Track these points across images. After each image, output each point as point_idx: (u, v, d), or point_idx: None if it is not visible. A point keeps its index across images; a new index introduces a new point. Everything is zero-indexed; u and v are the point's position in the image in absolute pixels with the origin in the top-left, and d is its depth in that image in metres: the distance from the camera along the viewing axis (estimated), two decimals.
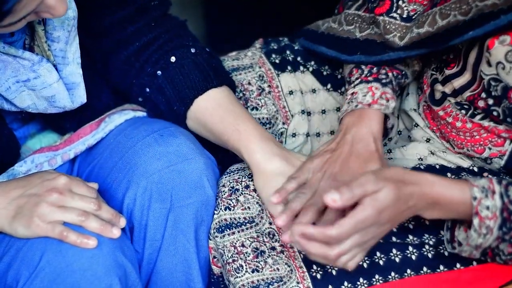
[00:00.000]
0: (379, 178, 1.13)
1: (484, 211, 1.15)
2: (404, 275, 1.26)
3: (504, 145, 1.30)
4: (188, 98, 1.37)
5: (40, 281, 1.18)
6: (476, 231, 1.16)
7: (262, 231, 1.30)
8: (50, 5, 1.10)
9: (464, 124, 1.33)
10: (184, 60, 1.39)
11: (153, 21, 1.39)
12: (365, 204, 1.11)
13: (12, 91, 1.25)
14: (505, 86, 1.23)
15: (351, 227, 1.11)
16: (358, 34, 1.41)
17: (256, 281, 1.26)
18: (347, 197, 1.10)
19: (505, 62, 1.21)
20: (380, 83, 1.35)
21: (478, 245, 1.18)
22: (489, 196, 1.15)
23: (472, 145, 1.33)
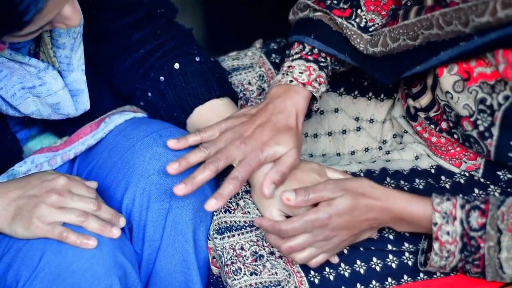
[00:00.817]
0: (338, 187, 1.20)
1: (444, 236, 1.18)
2: (401, 282, 1.27)
3: (476, 159, 1.32)
4: (189, 106, 1.37)
5: (40, 281, 1.18)
6: (437, 255, 1.19)
7: (262, 235, 1.30)
8: (66, 16, 1.10)
9: (438, 139, 1.34)
10: (188, 68, 1.39)
11: (158, 29, 1.39)
12: (318, 207, 1.19)
13: (17, 97, 1.26)
14: (457, 114, 1.24)
15: (300, 225, 1.20)
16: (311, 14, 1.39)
17: (254, 284, 1.27)
18: (301, 199, 1.19)
19: (453, 92, 1.22)
20: (318, 65, 1.35)
21: (442, 266, 1.21)
22: (449, 222, 1.18)
23: (450, 159, 1.35)
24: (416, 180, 1.35)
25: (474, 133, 1.22)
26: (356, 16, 1.35)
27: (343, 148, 1.49)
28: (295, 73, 1.33)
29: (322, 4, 1.37)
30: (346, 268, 1.27)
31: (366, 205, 1.20)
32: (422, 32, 1.22)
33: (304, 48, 1.36)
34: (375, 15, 1.35)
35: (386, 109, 1.49)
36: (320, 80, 1.33)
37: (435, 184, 1.34)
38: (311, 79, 1.33)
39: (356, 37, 1.34)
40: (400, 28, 1.25)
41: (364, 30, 1.34)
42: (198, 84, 1.38)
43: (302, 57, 1.35)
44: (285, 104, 1.30)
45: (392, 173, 1.36)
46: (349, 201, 1.19)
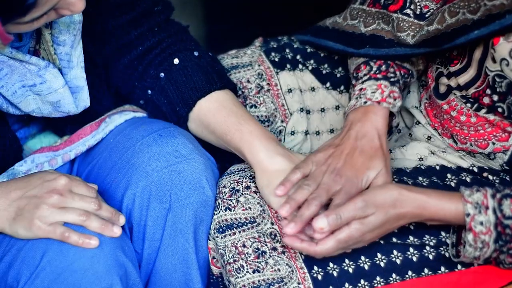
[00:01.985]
0: (369, 204, 1.20)
1: (478, 226, 1.18)
2: (405, 277, 1.26)
3: (508, 140, 1.31)
4: (191, 99, 1.37)
5: (41, 281, 1.18)
6: (471, 246, 1.19)
7: (264, 231, 1.30)
8: (70, 2, 1.11)
9: (468, 118, 1.33)
10: (187, 63, 1.39)
11: (156, 26, 1.40)
12: (350, 227, 1.20)
13: (18, 95, 1.26)
14: (509, 83, 1.24)
15: (333, 246, 1.20)
16: (363, 29, 1.41)
17: (257, 282, 1.26)
18: (335, 223, 1.19)
19: (509, 58, 1.22)
20: (389, 81, 1.35)
21: (476, 257, 1.20)
22: (482, 212, 1.18)
23: (475, 140, 1.33)
24: (420, 178, 1.34)
25: None
26: (411, 3, 1.37)
27: None
28: (367, 94, 1.34)
29: (378, 5, 1.39)
30: (350, 263, 1.27)
31: (397, 215, 1.21)
32: (485, 3, 1.22)
33: (371, 68, 1.38)
34: (429, 1, 1.36)
35: None
36: (394, 95, 1.34)
37: (439, 182, 1.33)
38: (384, 96, 1.34)
39: (415, 27, 1.35)
40: (461, 1, 1.26)
41: (421, 17, 1.36)
42: (198, 78, 1.38)
43: (371, 77, 1.37)
44: (366, 127, 1.31)
45: (395, 170, 1.36)
46: (381, 217, 1.20)
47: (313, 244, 1.21)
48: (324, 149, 1.31)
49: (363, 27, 1.42)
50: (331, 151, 1.29)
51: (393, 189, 1.22)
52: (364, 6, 1.42)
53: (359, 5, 1.44)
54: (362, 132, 1.31)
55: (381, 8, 1.40)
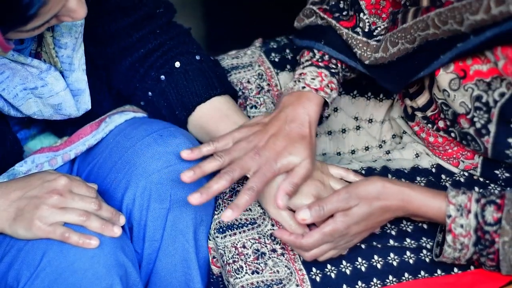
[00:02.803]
0: (352, 195, 1.20)
1: (458, 228, 1.18)
2: (402, 279, 1.27)
3: (474, 158, 1.32)
4: (191, 104, 1.38)
5: (41, 281, 1.18)
6: (450, 246, 1.20)
7: (264, 232, 1.31)
8: (72, 9, 1.10)
9: (436, 139, 1.34)
10: (189, 66, 1.39)
11: (158, 28, 1.40)
12: (335, 218, 1.20)
13: (19, 98, 1.26)
14: (454, 112, 1.24)
15: (319, 239, 1.21)
16: (320, 21, 1.39)
17: (256, 283, 1.27)
18: (317, 214, 1.20)
19: (449, 90, 1.22)
20: (329, 71, 1.35)
21: (456, 258, 1.21)
22: (463, 215, 1.18)
23: (447, 159, 1.35)
24: (418, 178, 1.35)
25: (471, 131, 1.22)
26: (360, 20, 1.36)
27: (343, 147, 1.50)
28: (307, 79, 1.33)
29: (328, 14, 1.38)
30: (347, 265, 1.27)
31: (381, 208, 1.20)
32: (419, 34, 1.22)
33: (314, 55, 1.37)
34: (377, 18, 1.36)
35: (385, 109, 1.49)
36: (331, 86, 1.34)
37: (436, 182, 1.34)
38: (323, 85, 1.33)
39: (363, 45, 1.34)
40: (399, 32, 1.26)
41: (369, 35, 1.35)
42: (199, 82, 1.38)
43: (313, 64, 1.36)
44: (297, 112, 1.29)
45: (393, 171, 1.37)
46: (364, 208, 1.19)
47: (299, 237, 1.21)
48: (249, 125, 1.29)
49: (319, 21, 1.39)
50: (256, 129, 1.28)
51: (377, 182, 1.21)
52: (315, 7, 1.40)
53: (310, 6, 1.41)
54: (293, 116, 1.29)
55: (331, 18, 1.37)
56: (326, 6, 1.38)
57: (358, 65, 1.35)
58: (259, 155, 1.24)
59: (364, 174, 1.35)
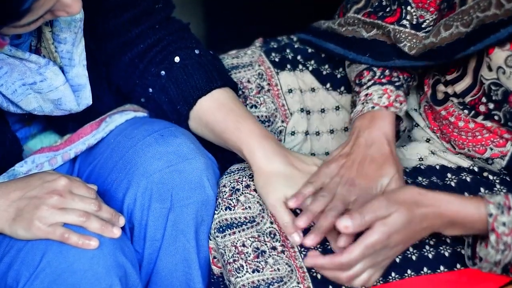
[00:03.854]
0: (391, 202, 1.16)
1: (500, 227, 1.16)
2: (404, 276, 1.26)
3: (506, 146, 1.30)
4: (192, 98, 1.37)
5: (40, 281, 1.18)
6: (493, 248, 1.17)
7: (263, 230, 1.30)
8: (66, 3, 1.10)
9: (466, 124, 1.33)
10: (188, 61, 1.39)
11: (157, 24, 1.40)
12: (374, 229, 1.15)
13: (18, 94, 1.26)
14: (505, 91, 1.23)
15: (360, 253, 1.14)
16: (365, 34, 1.41)
17: (257, 281, 1.27)
18: (358, 223, 1.14)
19: (505, 67, 1.21)
20: (394, 85, 1.35)
21: (497, 262, 1.18)
22: (505, 212, 1.16)
23: (473, 145, 1.33)
24: (419, 178, 1.34)
25: None
26: (407, 14, 1.37)
27: None
28: (374, 99, 1.34)
29: (373, 16, 1.39)
30: None
31: (420, 215, 1.17)
32: (478, 15, 1.22)
33: (375, 74, 1.38)
34: (424, 12, 1.37)
35: None
36: (400, 100, 1.34)
37: (439, 182, 1.33)
38: (391, 100, 1.33)
39: (412, 38, 1.35)
40: (456, 15, 1.26)
41: (417, 27, 1.36)
42: (199, 76, 1.38)
43: (376, 83, 1.36)
44: (374, 134, 1.31)
45: None
46: (404, 215, 1.15)
47: (337, 255, 1.15)
48: (335, 159, 1.30)
49: (364, 32, 1.42)
50: (343, 161, 1.29)
51: (413, 189, 1.20)
52: (359, 15, 1.42)
53: (354, 14, 1.43)
54: (371, 139, 1.30)
55: (376, 19, 1.40)
56: (370, 9, 1.40)
57: (405, 62, 1.36)
58: (354, 186, 1.25)
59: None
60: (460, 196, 1.20)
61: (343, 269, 1.16)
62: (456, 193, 1.30)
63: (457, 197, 1.19)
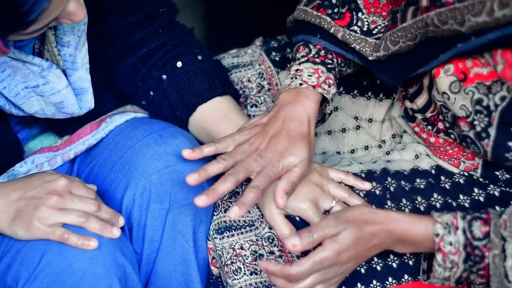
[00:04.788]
0: (340, 220, 1.18)
1: (447, 246, 1.17)
2: (401, 281, 1.26)
3: (474, 159, 1.31)
4: (192, 104, 1.38)
5: (40, 282, 1.18)
6: (440, 266, 1.18)
7: (262, 235, 1.30)
8: (71, 12, 1.11)
9: (437, 139, 1.33)
10: (190, 66, 1.39)
11: (160, 28, 1.40)
12: (324, 246, 1.16)
13: (21, 96, 1.26)
14: (453, 115, 1.23)
15: (309, 268, 1.16)
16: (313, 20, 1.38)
17: (254, 284, 1.27)
18: (307, 241, 1.16)
19: (450, 93, 1.21)
20: (326, 67, 1.34)
21: (446, 278, 1.19)
22: (451, 232, 1.17)
23: (449, 159, 1.34)
24: (417, 180, 1.35)
25: (471, 134, 1.22)
26: (358, 20, 1.35)
27: (343, 146, 1.49)
28: (304, 76, 1.33)
29: (322, 11, 1.37)
30: None
31: (370, 232, 1.18)
32: (420, 32, 1.21)
33: (310, 51, 1.36)
34: (376, 17, 1.35)
35: (384, 109, 1.49)
36: (329, 82, 1.33)
37: (436, 184, 1.34)
38: (320, 81, 1.32)
39: (361, 41, 1.34)
40: (399, 31, 1.25)
41: (368, 34, 1.34)
42: (201, 83, 1.38)
43: (309, 60, 1.35)
44: (296, 110, 1.29)
45: (393, 173, 1.36)
46: (353, 232, 1.17)
47: (287, 266, 1.16)
48: (249, 127, 1.29)
49: None
50: (256, 130, 1.27)
51: (364, 207, 1.22)
52: (308, 8, 1.39)
53: (303, 7, 1.40)
54: (291, 114, 1.28)
55: (325, 15, 1.37)
56: (319, 1, 1.38)
57: (355, 58, 1.35)
58: (262, 157, 1.24)
59: (364, 177, 1.34)
60: (411, 215, 1.21)
61: (292, 281, 1.17)
62: (451, 194, 1.32)
63: (407, 216, 1.20)
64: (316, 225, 1.18)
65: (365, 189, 1.32)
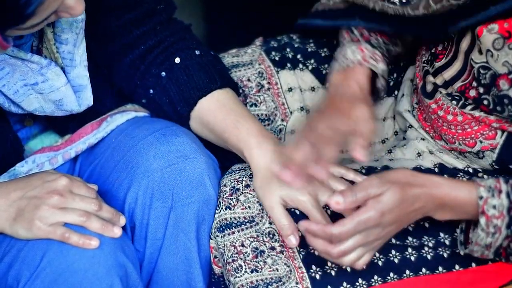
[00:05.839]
0: (383, 181, 1.16)
1: (490, 210, 1.16)
2: (403, 276, 1.26)
3: (495, 138, 1.29)
4: (192, 98, 1.38)
5: (41, 281, 1.19)
6: (483, 230, 1.17)
7: (262, 230, 1.30)
8: (69, 5, 1.11)
9: (455, 117, 1.32)
10: (189, 62, 1.39)
11: (158, 25, 1.40)
12: (368, 206, 1.14)
13: (20, 94, 1.26)
14: (493, 74, 1.22)
15: (352, 228, 1.14)
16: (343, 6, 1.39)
17: (255, 281, 1.27)
18: (350, 200, 1.14)
19: (493, 49, 1.20)
20: (371, 44, 1.35)
21: (488, 245, 1.18)
22: (495, 195, 1.16)
23: (463, 139, 1.32)
24: None
25: (510, 92, 1.20)
26: None
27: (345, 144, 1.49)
28: (349, 55, 1.33)
29: None
30: None
31: (413, 195, 1.16)
32: None
33: (353, 33, 1.37)
34: None
35: (386, 107, 1.48)
36: (376, 58, 1.33)
37: None
38: (366, 57, 1.33)
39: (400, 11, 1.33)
40: None
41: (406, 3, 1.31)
42: (200, 77, 1.38)
43: (353, 41, 1.36)
44: (349, 85, 1.29)
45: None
46: (397, 194, 1.15)
47: (329, 225, 1.15)
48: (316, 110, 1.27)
49: None
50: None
51: (406, 170, 1.20)
52: None
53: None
54: (345, 90, 1.29)
55: None
56: None
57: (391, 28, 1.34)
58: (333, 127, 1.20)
59: (364, 173, 1.34)
60: (452, 179, 1.20)
61: (334, 242, 1.15)
62: None
63: (449, 180, 1.20)
64: (359, 185, 1.16)
65: None
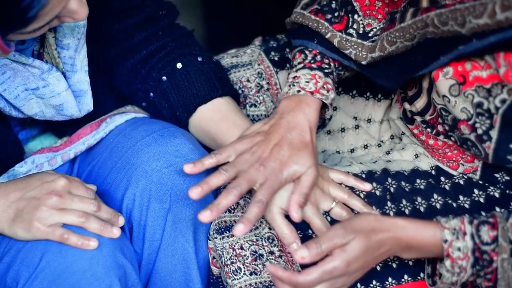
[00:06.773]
0: (348, 230, 1.16)
1: (455, 252, 1.16)
2: (401, 281, 1.27)
3: (474, 161, 1.31)
4: (192, 105, 1.38)
5: (40, 282, 1.19)
6: (448, 271, 1.17)
7: (262, 235, 1.30)
8: (73, 10, 1.10)
9: (436, 142, 1.33)
10: (190, 68, 1.39)
11: (160, 30, 1.40)
12: (334, 256, 1.14)
13: (21, 98, 1.26)
14: (454, 118, 1.22)
15: (318, 277, 1.14)
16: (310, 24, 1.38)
17: (254, 284, 1.27)
18: (315, 252, 1.14)
19: (449, 96, 1.20)
20: (323, 72, 1.34)
21: (453, 282, 1.19)
22: (460, 238, 1.16)
23: (447, 161, 1.34)
24: (417, 181, 1.35)
25: (471, 137, 1.21)
26: (353, 22, 1.34)
27: (342, 146, 1.49)
28: (301, 82, 1.32)
29: (320, 16, 1.36)
30: None
31: (378, 241, 1.17)
32: (418, 32, 1.20)
33: (306, 57, 1.36)
34: (372, 19, 1.34)
35: (383, 110, 1.49)
36: (327, 87, 1.32)
37: (436, 185, 1.34)
38: (318, 86, 1.31)
39: (357, 46, 1.33)
40: (396, 31, 1.24)
41: (364, 36, 1.33)
42: (200, 84, 1.38)
43: (306, 66, 1.34)
44: (297, 119, 1.28)
45: (393, 174, 1.36)
46: (362, 242, 1.15)
47: (295, 274, 1.14)
48: (251, 135, 1.27)
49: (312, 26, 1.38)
50: (258, 138, 1.26)
51: (369, 215, 1.20)
52: (306, 12, 1.38)
53: (300, 10, 1.39)
54: (294, 123, 1.27)
55: (324, 19, 1.36)
56: (318, 6, 1.37)
57: (352, 64, 1.34)
58: (265, 166, 1.23)
59: (364, 178, 1.34)
60: (417, 221, 1.20)
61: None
62: (451, 195, 1.32)
63: (414, 223, 1.19)
64: (323, 236, 1.16)
65: (366, 190, 1.32)
